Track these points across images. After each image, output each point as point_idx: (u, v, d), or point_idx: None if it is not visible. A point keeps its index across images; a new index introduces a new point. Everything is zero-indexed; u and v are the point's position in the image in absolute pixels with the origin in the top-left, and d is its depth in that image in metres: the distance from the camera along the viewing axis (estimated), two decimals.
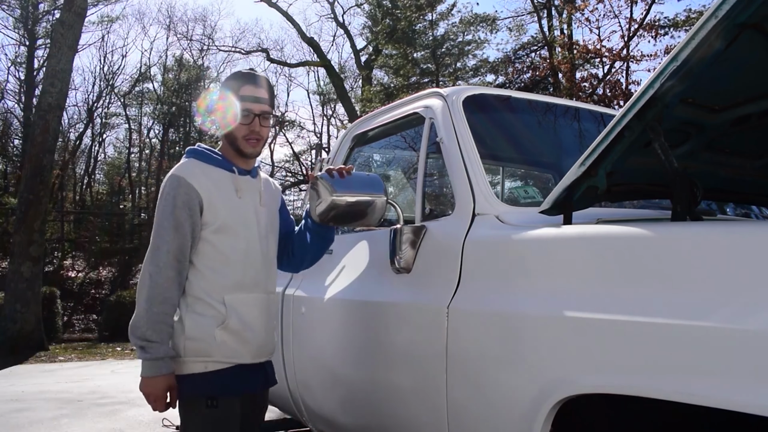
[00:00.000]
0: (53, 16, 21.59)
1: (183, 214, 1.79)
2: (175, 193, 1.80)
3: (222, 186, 1.87)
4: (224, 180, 1.89)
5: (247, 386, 1.88)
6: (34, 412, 4.95)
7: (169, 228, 1.79)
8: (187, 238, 1.81)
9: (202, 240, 1.84)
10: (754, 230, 1.21)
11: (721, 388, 1.05)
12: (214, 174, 1.88)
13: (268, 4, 19.66)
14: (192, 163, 1.88)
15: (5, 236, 13.85)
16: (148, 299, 1.76)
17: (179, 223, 1.79)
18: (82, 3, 9.87)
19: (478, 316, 1.62)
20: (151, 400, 1.80)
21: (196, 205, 1.81)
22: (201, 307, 1.83)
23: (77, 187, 25.41)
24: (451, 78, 19.95)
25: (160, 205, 1.82)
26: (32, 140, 9.58)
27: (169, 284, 1.78)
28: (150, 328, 1.75)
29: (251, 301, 1.89)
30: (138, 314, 1.77)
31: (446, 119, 2.06)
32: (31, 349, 8.92)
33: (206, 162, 1.90)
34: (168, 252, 1.78)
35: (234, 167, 1.92)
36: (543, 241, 1.54)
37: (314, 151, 26.72)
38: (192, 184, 1.81)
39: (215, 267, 1.84)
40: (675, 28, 13.94)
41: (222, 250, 1.85)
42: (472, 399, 1.62)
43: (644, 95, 1.37)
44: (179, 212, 1.79)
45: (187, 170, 1.84)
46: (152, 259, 1.79)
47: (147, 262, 1.81)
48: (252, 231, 1.92)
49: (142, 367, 1.78)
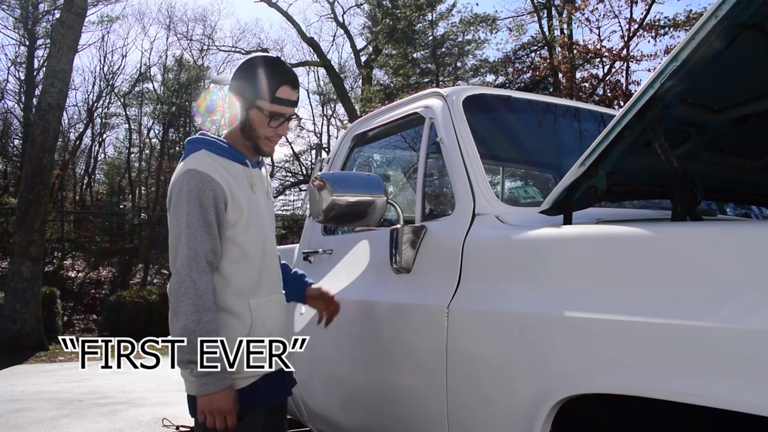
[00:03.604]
0: (53, 16, 21.61)
1: (211, 213, 1.64)
2: (198, 190, 1.63)
3: (239, 180, 1.73)
4: (240, 174, 1.74)
5: (273, 396, 1.78)
6: (34, 412, 4.95)
7: (200, 228, 1.62)
8: (217, 239, 1.66)
9: (226, 240, 1.69)
10: (754, 230, 1.21)
11: (721, 388, 1.05)
12: (231, 167, 1.72)
13: (268, 4, 19.67)
14: (208, 155, 1.70)
15: (5, 236, 13.87)
16: (197, 310, 1.57)
17: (209, 223, 1.64)
18: (82, 3, 9.87)
19: (478, 316, 1.62)
20: (221, 416, 1.58)
21: (222, 203, 1.66)
22: (227, 317, 1.67)
23: (77, 187, 25.42)
24: (451, 78, 19.96)
25: (182, 203, 1.63)
26: (32, 140, 9.58)
27: (208, 290, 1.62)
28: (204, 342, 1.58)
29: (272, 304, 1.78)
30: (186, 328, 1.57)
31: (446, 119, 2.06)
32: (30, 349, 8.93)
33: (220, 154, 1.72)
34: (198, 255, 1.61)
35: (246, 160, 1.78)
36: (543, 241, 1.54)
37: (314, 151, 26.73)
38: (216, 179, 1.65)
39: (240, 269, 1.70)
40: (675, 28, 13.95)
41: (246, 249, 1.71)
42: (472, 399, 1.62)
43: (644, 95, 1.37)
44: (207, 211, 1.63)
45: (206, 164, 1.67)
46: (189, 264, 1.60)
47: (185, 267, 1.60)
48: (267, 227, 1.82)
49: (202, 384, 1.58)
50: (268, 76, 1.72)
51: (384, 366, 2.01)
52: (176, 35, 27.45)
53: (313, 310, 2.11)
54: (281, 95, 1.73)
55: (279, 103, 1.73)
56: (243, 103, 1.74)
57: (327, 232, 2.69)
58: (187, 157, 1.72)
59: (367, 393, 2.12)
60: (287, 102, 1.74)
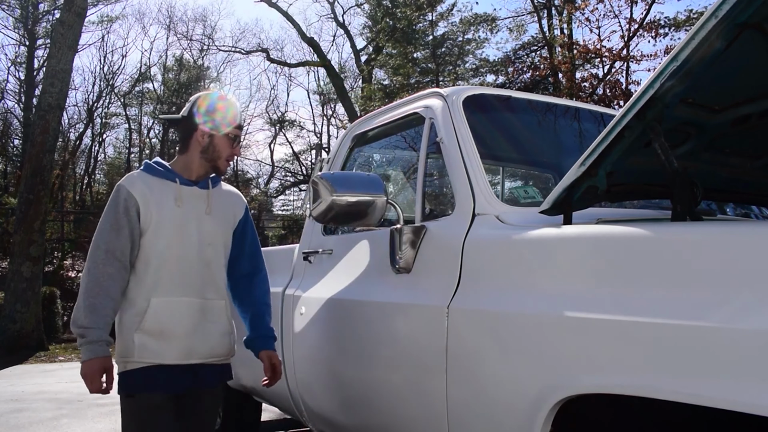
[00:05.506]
0: (53, 16, 21.61)
1: (123, 219, 1.97)
2: (117, 201, 2.00)
3: (161, 194, 2.03)
4: (165, 189, 2.05)
5: (169, 386, 1.98)
6: (33, 412, 4.95)
7: (108, 229, 1.97)
8: (126, 241, 1.97)
9: (141, 245, 2.00)
10: (754, 230, 1.21)
11: (721, 388, 1.05)
12: (155, 184, 2.04)
13: (268, 4, 19.65)
14: (137, 175, 2.07)
15: (5, 236, 13.85)
16: (84, 291, 1.93)
17: (119, 226, 1.96)
18: (82, 3, 9.86)
19: (478, 315, 1.62)
20: (87, 381, 1.91)
21: (134, 211, 1.99)
22: (127, 307, 1.99)
23: (77, 187, 25.39)
24: (451, 78, 19.95)
25: (105, 210, 2.02)
26: (32, 140, 9.57)
27: (105, 278, 1.93)
28: (86, 316, 1.89)
29: (177, 305, 1.99)
30: (76, 306, 1.94)
31: (446, 119, 2.06)
32: (30, 349, 8.92)
33: (150, 173, 2.07)
34: (106, 251, 1.95)
35: (177, 178, 2.07)
36: (543, 241, 1.54)
37: (314, 151, 26.75)
38: (131, 192, 1.99)
39: (148, 269, 1.99)
40: (675, 28, 13.95)
41: (152, 253, 1.99)
42: (472, 399, 1.62)
43: (644, 95, 1.37)
44: (119, 216, 1.97)
45: (129, 180, 2.04)
46: (91, 257, 1.97)
47: (87, 259, 1.99)
48: (190, 237, 2.03)
49: (81, 353, 1.92)
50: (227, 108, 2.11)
51: (384, 366, 2.01)
52: (176, 35, 27.42)
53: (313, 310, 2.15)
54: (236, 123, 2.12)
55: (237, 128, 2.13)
56: (206, 131, 2.08)
57: (327, 232, 2.68)
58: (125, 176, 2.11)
59: (367, 393, 2.12)
60: (240, 127, 2.15)
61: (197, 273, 2.03)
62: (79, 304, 1.92)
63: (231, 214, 2.18)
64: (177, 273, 2.00)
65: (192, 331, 2.00)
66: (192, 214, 2.06)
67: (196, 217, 2.06)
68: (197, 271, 2.03)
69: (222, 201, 2.16)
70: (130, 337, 1.95)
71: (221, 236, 2.13)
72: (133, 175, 2.07)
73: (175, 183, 2.06)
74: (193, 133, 2.09)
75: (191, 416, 2.07)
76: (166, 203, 2.02)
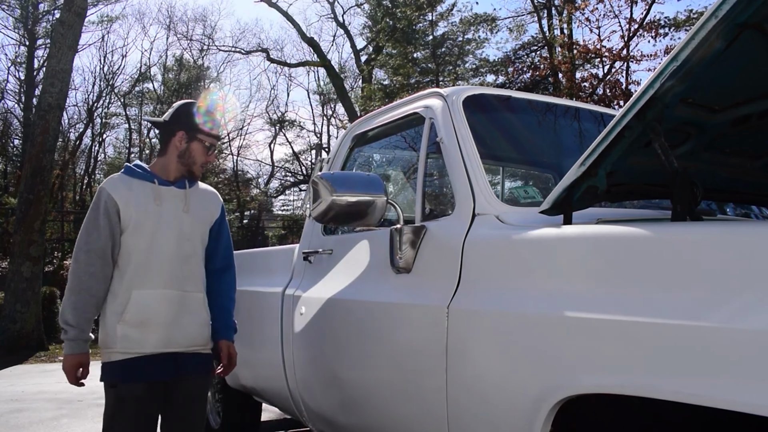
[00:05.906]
0: (53, 16, 21.60)
1: (103, 220, 2.09)
2: (98, 203, 2.12)
3: (141, 194, 2.15)
4: (144, 189, 2.17)
5: (150, 375, 2.09)
6: (33, 412, 4.95)
7: (91, 230, 2.10)
8: (107, 240, 2.09)
9: (122, 242, 2.12)
10: (754, 230, 1.21)
11: (721, 388, 1.05)
12: (135, 185, 2.17)
13: (268, 4, 19.66)
14: (117, 177, 2.19)
15: (5, 236, 13.86)
16: (69, 290, 2.08)
17: (101, 227, 2.09)
18: (82, 3, 9.86)
19: (478, 316, 1.62)
20: (65, 373, 2.11)
21: (115, 212, 2.11)
22: (111, 300, 2.11)
23: (77, 187, 25.39)
24: (451, 78, 19.96)
25: (88, 212, 2.14)
26: (32, 140, 9.57)
27: (88, 277, 2.06)
28: (69, 314, 2.05)
29: (157, 297, 2.10)
30: (63, 302, 2.09)
31: (446, 119, 2.06)
32: (30, 349, 8.92)
33: (130, 176, 2.19)
34: (89, 251, 2.08)
35: (155, 179, 2.19)
36: (543, 241, 1.54)
37: (314, 151, 26.75)
38: (111, 194, 2.12)
39: (127, 264, 2.11)
40: (675, 28, 13.95)
41: (133, 249, 2.11)
42: (472, 399, 1.62)
43: (644, 95, 1.37)
44: (101, 218, 2.10)
45: (110, 183, 2.16)
46: (74, 257, 2.10)
47: (72, 259, 2.12)
48: (169, 233, 2.15)
49: (63, 347, 2.09)
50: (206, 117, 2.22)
51: (384, 366, 2.01)
52: (176, 35, 27.38)
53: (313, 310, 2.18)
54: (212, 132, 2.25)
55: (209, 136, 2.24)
56: (185, 136, 2.20)
57: (327, 232, 2.68)
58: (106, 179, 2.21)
59: (367, 393, 2.12)
60: (217, 137, 2.28)
61: (177, 267, 2.15)
62: (64, 302, 2.08)
63: (208, 212, 2.29)
64: (157, 267, 2.12)
65: (171, 322, 2.12)
66: (170, 212, 2.18)
67: (174, 215, 2.18)
68: (177, 265, 2.15)
69: (199, 199, 2.28)
70: (113, 328, 2.07)
71: (199, 233, 2.24)
72: (114, 178, 2.19)
73: (154, 183, 2.18)
74: (171, 137, 2.22)
75: (179, 404, 2.18)
76: (145, 202, 2.14)
